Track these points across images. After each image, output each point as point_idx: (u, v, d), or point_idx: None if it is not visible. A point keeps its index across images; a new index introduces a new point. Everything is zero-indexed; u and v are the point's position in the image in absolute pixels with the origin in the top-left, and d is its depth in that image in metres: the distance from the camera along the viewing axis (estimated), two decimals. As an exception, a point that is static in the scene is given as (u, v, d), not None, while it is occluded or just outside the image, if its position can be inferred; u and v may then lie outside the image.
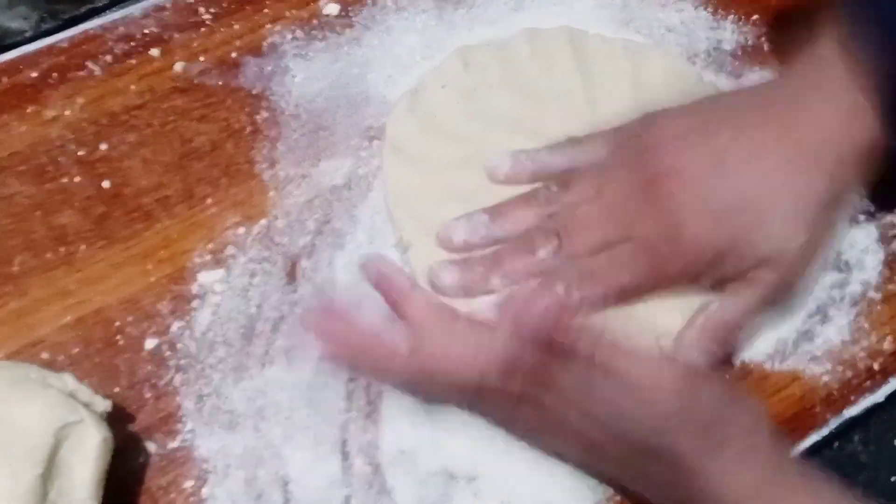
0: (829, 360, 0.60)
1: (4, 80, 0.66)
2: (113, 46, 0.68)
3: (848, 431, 0.59)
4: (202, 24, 0.69)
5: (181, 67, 0.67)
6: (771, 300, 0.57)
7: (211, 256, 0.61)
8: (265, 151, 0.65)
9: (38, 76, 0.66)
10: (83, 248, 0.61)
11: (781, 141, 0.55)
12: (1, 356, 0.57)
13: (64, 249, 0.60)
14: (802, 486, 0.48)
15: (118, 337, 0.58)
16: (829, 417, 0.58)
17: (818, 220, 0.55)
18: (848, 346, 0.60)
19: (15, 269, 0.60)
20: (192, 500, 0.54)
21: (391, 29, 0.70)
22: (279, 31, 0.69)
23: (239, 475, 0.54)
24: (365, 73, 0.68)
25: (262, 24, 0.69)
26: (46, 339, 0.58)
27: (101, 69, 0.67)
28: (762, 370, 0.59)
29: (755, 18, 0.72)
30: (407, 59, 0.69)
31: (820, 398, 0.59)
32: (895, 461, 0.59)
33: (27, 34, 0.71)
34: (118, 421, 0.54)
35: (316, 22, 0.70)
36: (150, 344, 0.58)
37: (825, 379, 0.59)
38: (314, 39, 0.69)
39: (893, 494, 0.58)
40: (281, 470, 0.55)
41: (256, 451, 0.55)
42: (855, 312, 0.61)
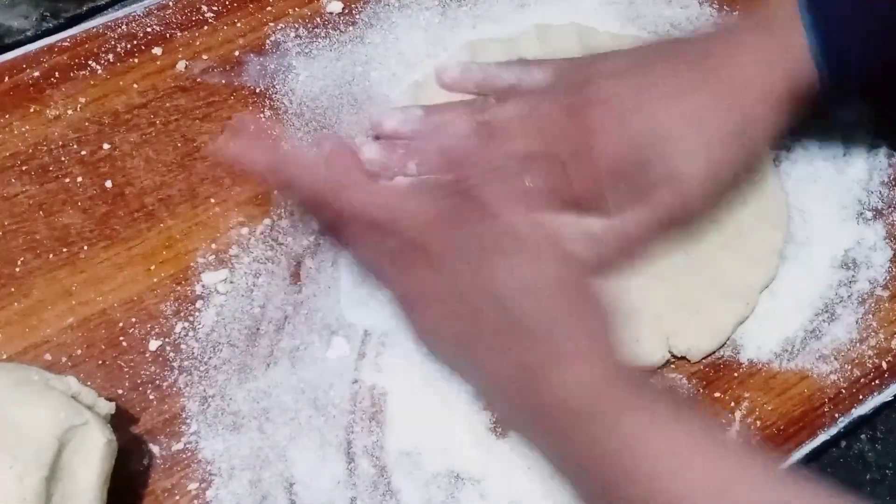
0: (836, 358, 0.60)
1: (6, 79, 0.65)
2: (115, 45, 0.67)
3: (855, 430, 0.59)
4: (205, 22, 0.69)
5: (184, 66, 0.67)
6: (668, 220, 0.57)
7: (214, 257, 0.61)
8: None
9: (40, 75, 0.66)
10: (86, 248, 0.60)
11: (705, 81, 0.57)
12: (4, 357, 0.57)
13: (67, 250, 0.60)
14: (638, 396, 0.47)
15: (121, 338, 0.58)
16: (837, 416, 0.58)
17: (723, 152, 0.57)
18: (856, 344, 0.60)
19: (18, 269, 0.59)
20: (196, 502, 0.54)
21: (395, 26, 0.69)
22: (282, 28, 0.69)
23: (244, 477, 0.54)
24: (368, 71, 0.67)
25: (264, 22, 0.69)
26: (50, 339, 0.57)
27: (103, 68, 0.66)
28: (770, 369, 0.59)
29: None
30: (411, 56, 0.68)
31: (828, 397, 0.59)
32: (904, 460, 0.59)
33: (28, 33, 0.71)
34: (122, 423, 0.54)
35: (319, 20, 0.69)
36: (153, 345, 0.58)
37: (833, 378, 0.59)
38: (317, 37, 0.69)
39: (901, 493, 0.58)
40: (286, 472, 0.54)
41: (261, 452, 0.55)
42: (863, 311, 0.61)
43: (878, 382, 0.59)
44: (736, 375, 0.59)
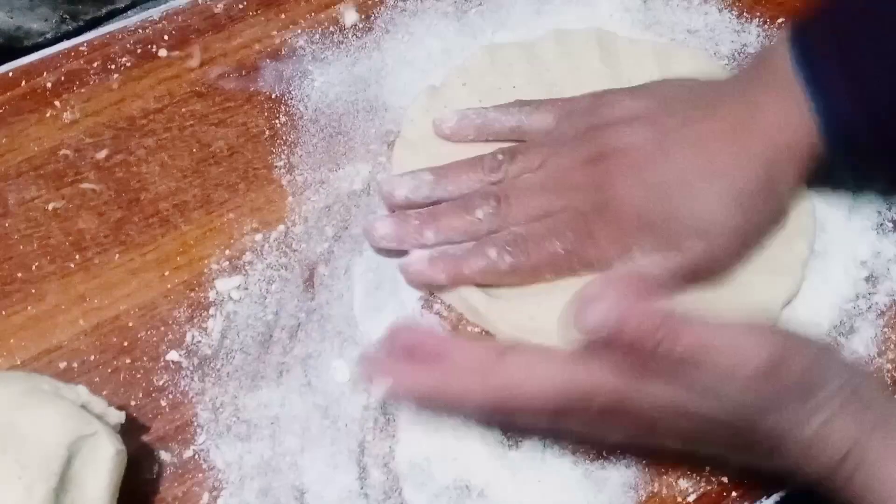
0: (854, 372, 0.59)
1: (23, 83, 0.65)
2: (131, 50, 0.67)
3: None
4: (221, 27, 0.69)
5: (200, 71, 0.67)
6: (695, 269, 0.57)
7: (228, 263, 0.60)
8: (283, 156, 0.64)
9: (56, 80, 0.66)
10: (100, 253, 0.60)
11: (725, 133, 0.57)
12: (17, 362, 0.57)
13: (81, 255, 0.60)
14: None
15: (134, 344, 0.58)
16: (855, 431, 0.57)
17: (751, 205, 0.57)
18: (874, 358, 0.59)
19: (32, 274, 0.59)
20: (207, 510, 0.54)
21: (411, 33, 0.69)
22: (298, 34, 0.68)
23: (254, 486, 0.54)
24: (384, 77, 0.67)
25: (281, 27, 0.69)
26: (63, 345, 0.57)
27: (119, 73, 0.66)
28: (786, 382, 0.58)
29: (781, 21, 0.71)
30: (426, 63, 0.68)
31: (845, 411, 0.58)
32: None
33: (48, 35, 0.71)
34: (133, 430, 0.54)
35: (335, 26, 0.69)
36: (165, 351, 0.57)
37: (851, 391, 0.58)
38: (333, 43, 0.68)
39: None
40: (297, 480, 0.54)
41: (272, 461, 0.55)
42: (881, 324, 0.60)
43: (896, 397, 0.58)
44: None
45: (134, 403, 0.56)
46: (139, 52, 0.67)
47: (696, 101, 0.59)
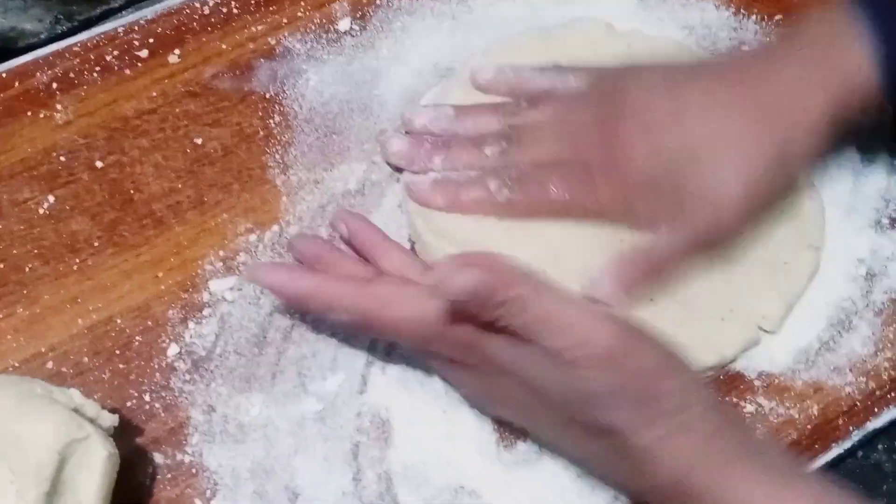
0: (852, 370, 0.59)
1: (16, 84, 0.65)
2: (125, 50, 0.67)
3: (872, 440, 0.58)
4: (215, 27, 0.68)
5: (194, 71, 0.67)
6: (702, 242, 0.57)
7: (222, 264, 0.60)
8: (278, 156, 0.64)
9: (50, 80, 0.65)
10: (93, 255, 0.60)
11: (743, 103, 0.57)
12: (11, 363, 0.57)
13: (75, 256, 0.60)
14: (740, 458, 0.47)
15: (128, 345, 0.57)
16: (851, 429, 0.57)
17: (762, 176, 0.56)
18: (871, 356, 0.59)
19: (25, 276, 0.59)
20: (201, 512, 0.53)
21: (406, 32, 0.69)
22: (293, 34, 0.68)
23: (248, 488, 0.54)
24: (379, 76, 0.67)
25: (275, 27, 0.68)
26: (56, 347, 0.57)
27: (113, 73, 0.66)
28: (783, 381, 0.58)
29: (778, 18, 0.70)
30: (421, 62, 0.68)
31: (842, 410, 0.58)
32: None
33: (42, 36, 0.71)
34: (126, 432, 0.54)
35: (330, 25, 0.69)
36: (159, 353, 0.57)
37: (848, 390, 0.58)
38: (328, 42, 0.68)
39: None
40: (291, 483, 0.54)
41: (266, 463, 0.54)
42: (879, 322, 0.60)
43: (893, 395, 0.58)
44: (749, 387, 0.58)
45: (128, 405, 0.56)
46: (133, 52, 0.67)
47: (719, 71, 0.60)
